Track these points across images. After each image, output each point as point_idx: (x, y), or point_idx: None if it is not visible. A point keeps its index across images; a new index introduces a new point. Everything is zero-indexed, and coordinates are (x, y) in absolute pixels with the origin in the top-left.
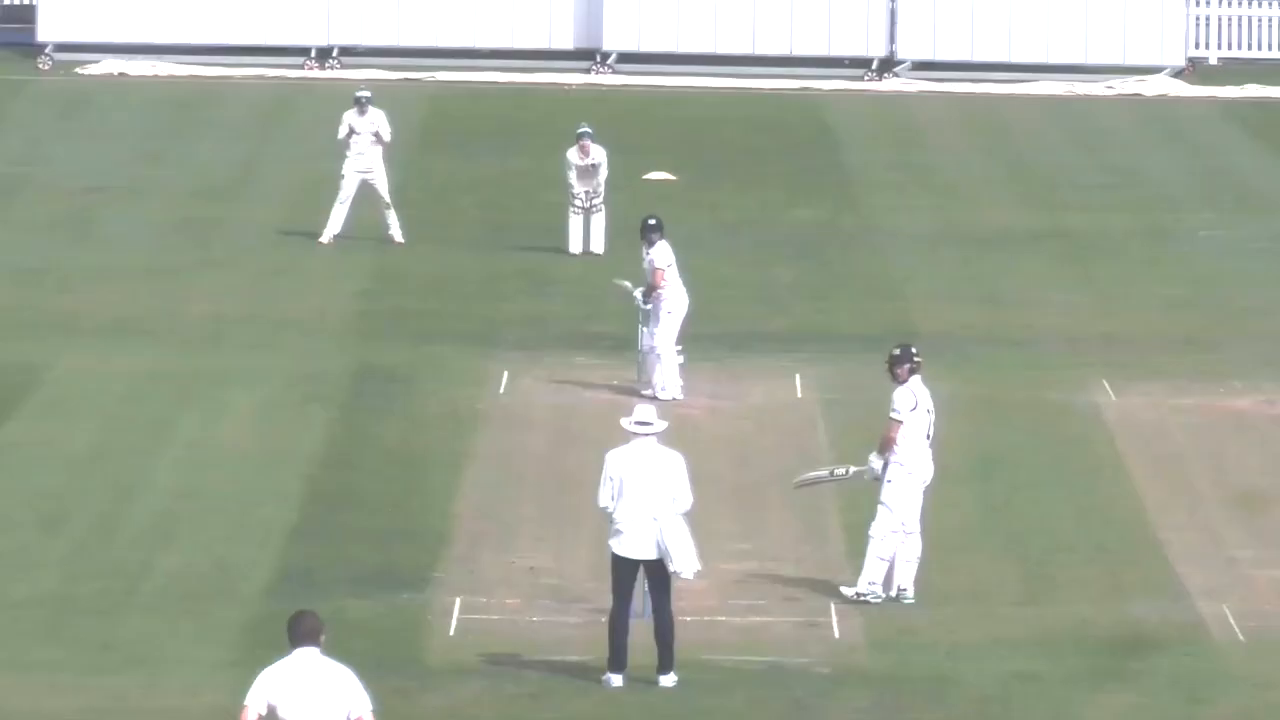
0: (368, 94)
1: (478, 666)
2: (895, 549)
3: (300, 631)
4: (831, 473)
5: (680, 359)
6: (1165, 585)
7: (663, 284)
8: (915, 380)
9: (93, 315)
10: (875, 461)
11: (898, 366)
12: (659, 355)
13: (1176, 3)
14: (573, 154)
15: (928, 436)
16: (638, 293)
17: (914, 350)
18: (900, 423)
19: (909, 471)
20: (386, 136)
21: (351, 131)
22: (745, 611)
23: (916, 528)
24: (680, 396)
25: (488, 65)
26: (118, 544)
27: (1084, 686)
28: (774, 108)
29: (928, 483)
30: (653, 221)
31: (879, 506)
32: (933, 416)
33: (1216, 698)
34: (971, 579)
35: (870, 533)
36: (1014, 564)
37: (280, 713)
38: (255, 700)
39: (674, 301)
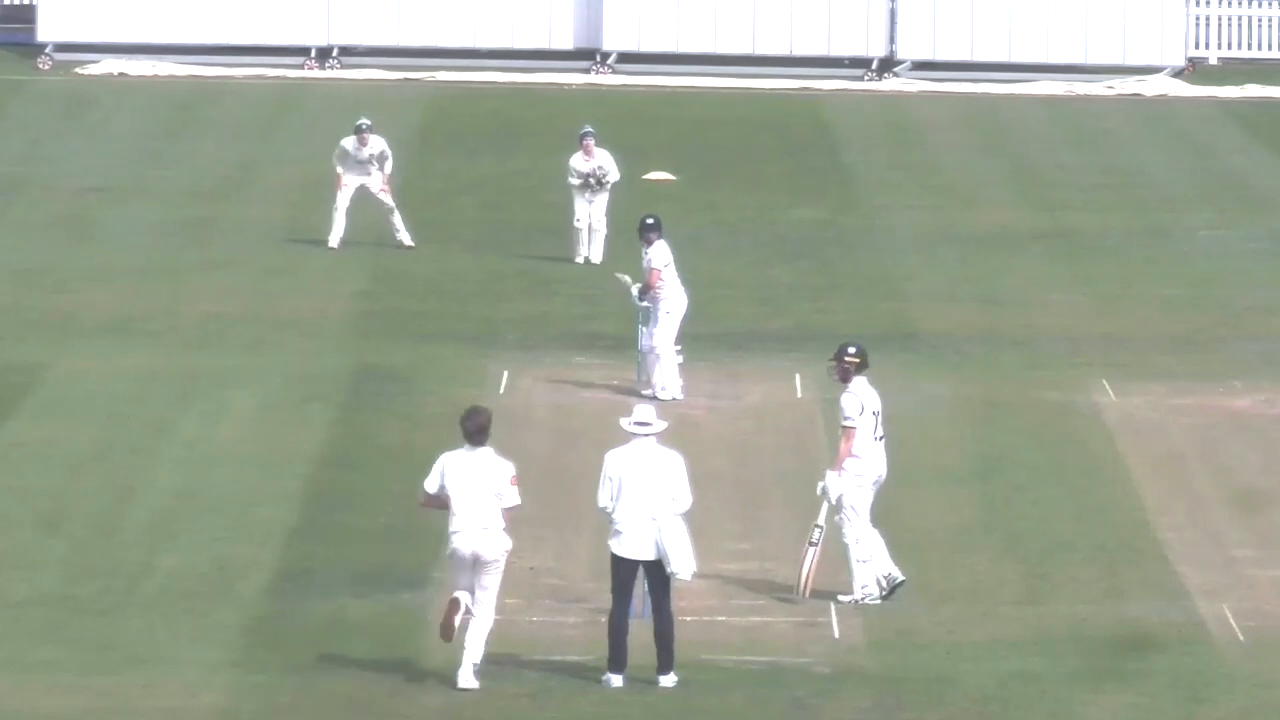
0: (368, 122)
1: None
2: (874, 547)
3: (472, 429)
4: (817, 533)
5: (679, 359)
6: (1165, 585)
7: (659, 284)
8: (858, 382)
9: (93, 315)
10: (833, 483)
11: (836, 368)
12: (658, 355)
13: (1176, 3)
14: (577, 159)
15: (877, 438)
16: (635, 289)
17: (851, 349)
18: (854, 428)
19: (858, 473)
20: (388, 167)
21: (348, 156)
22: (745, 611)
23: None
24: (680, 396)
25: (488, 65)
26: (118, 544)
27: (1084, 686)
28: (774, 108)
29: (880, 481)
30: (651, 221)
31: (843, 514)
32: (880, 416)
33: (1216, 698)
34: (971, 579)
35: (844, 540)
36: (1014, 564)
37: (448, 490)
38: (431, 482)
39: (672, 301)
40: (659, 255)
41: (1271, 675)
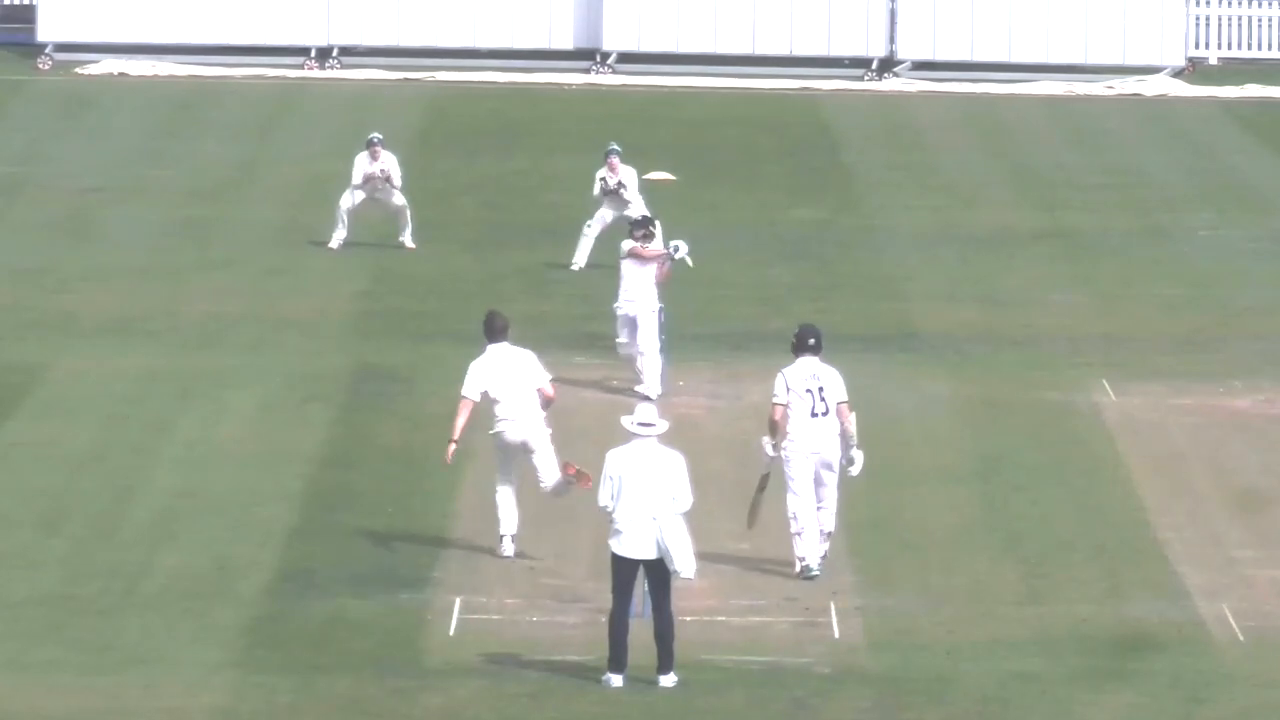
0: (379, 136)
1: (478, 666)
2: (808, 522)
3: (494, 329)
4: (760, 489)
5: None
6: (1165, 585)
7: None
8: (799, 361)
9: (93, 315)
10: (766, 445)
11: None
12: (643, 353)
13: (1176, 3)
14: (602, 173)
15: (813, 414)
16: (682, 254)
17: (798, 329)
18: (776, 405)
19: (791, 448)
20: (397, 182)
21: (362, 172)
22: (745, 611)
23: (827, 503)
24: (660, 390)
25: (488, 65)
26: (118, 544)
27: (1084, 686)
28: (774, 108)
29: (820, 458)
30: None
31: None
32: (820, 394)
33: (1216, 698)
34: (971, 579)
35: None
36: (1014, 564)
37: (491, 394)
38: (471, 390)
39: (657, 300)
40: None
41: (1271, 675)
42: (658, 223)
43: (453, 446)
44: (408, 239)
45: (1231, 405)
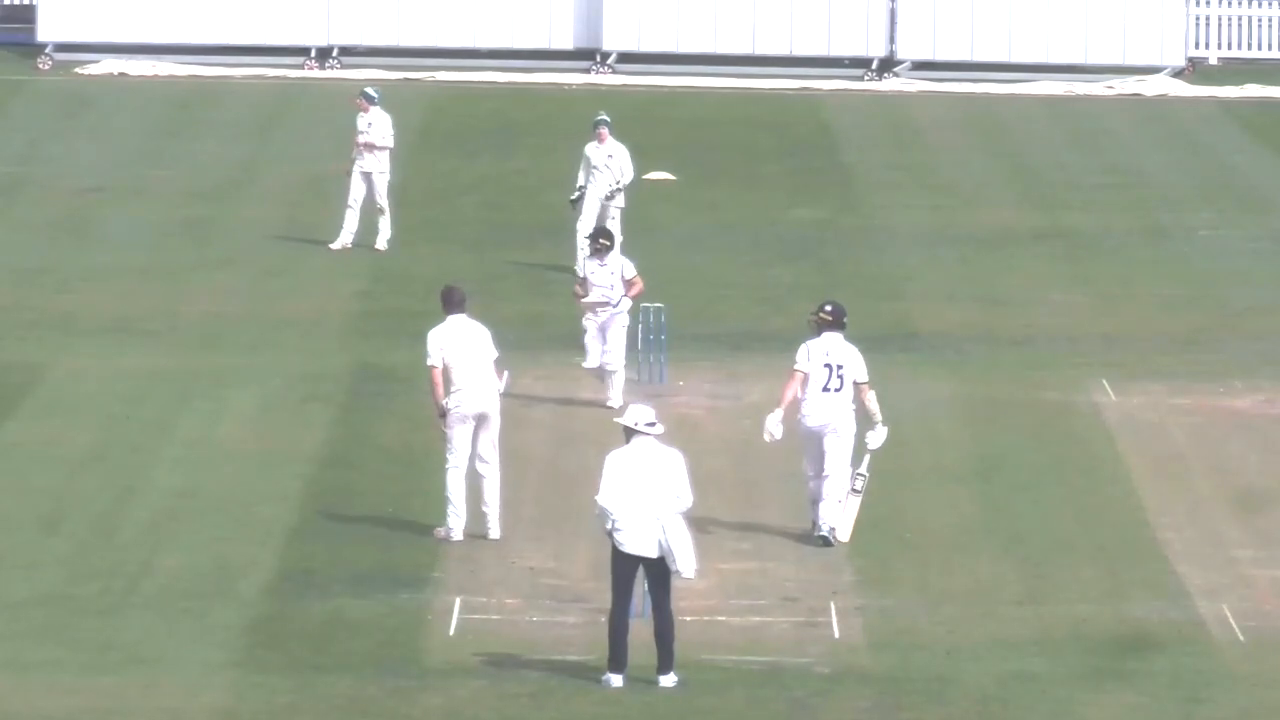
0: (369, 92)
1: (477, 666)
2: (816, 491)
3: (453, 301)
4: (860, 481)
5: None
6: (1165, 585)
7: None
8: (824, 336)
9: (93, 315)
10: (770, 422)
11: (814, 320)
12: (613, 370)
13: (1176, 3)
14: (590, 146)
15: (824, 389)
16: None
17: (828, 307)
18: (795, 372)
19: (802, 421)
20: (380, 140)
21: (357, 131)
22: (745, 611)
23: (833, 470)
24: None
25: (488, 65)
26: (118, 544)
27: (1084, 686)
28: (774, 108)
29: (826, 429)
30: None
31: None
32: (838, 371)
33: (1216, 698)
34: (971, 579)
35: None
36: (1014, 564)
37: (448, 361)
38: (435, 358)
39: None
40: (627, 263)
41: (1271, 675)
42: (610, 237)
43: (444, 406)
44: (380, 240)
45: (1231, 405)
